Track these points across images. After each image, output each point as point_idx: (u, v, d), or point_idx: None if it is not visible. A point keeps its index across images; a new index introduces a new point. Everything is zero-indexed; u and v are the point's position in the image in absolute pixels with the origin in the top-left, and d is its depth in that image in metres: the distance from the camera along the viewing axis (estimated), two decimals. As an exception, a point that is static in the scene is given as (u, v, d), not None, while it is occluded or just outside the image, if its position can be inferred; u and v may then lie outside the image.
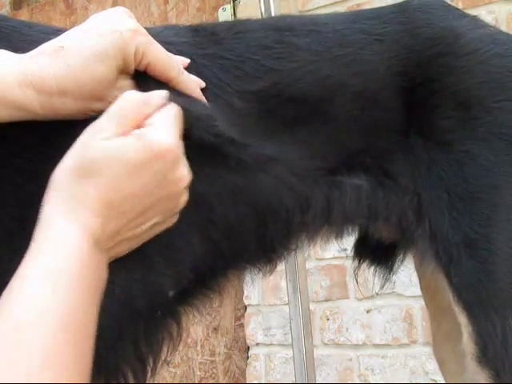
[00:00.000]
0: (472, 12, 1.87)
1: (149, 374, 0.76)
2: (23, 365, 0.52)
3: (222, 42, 0.79)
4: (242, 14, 2.29)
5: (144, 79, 0.71)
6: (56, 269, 0.57)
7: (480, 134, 0.80)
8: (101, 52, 0.65)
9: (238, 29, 0.82)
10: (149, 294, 0.69)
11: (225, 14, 2.33)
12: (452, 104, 0.81)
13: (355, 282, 1.07)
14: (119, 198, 0.61)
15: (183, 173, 0.66)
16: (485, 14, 1.87)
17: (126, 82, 0.70)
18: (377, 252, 0.98)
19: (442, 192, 0.80)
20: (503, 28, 1.85)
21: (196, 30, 0.81)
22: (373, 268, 1.00)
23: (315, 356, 1.65)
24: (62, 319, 0.55)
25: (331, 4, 2.13)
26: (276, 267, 0.88)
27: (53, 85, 0.64)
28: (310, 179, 0.81)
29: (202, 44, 0.78)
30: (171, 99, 0.68)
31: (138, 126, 0.64)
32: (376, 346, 2.00)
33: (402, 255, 0.97)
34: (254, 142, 0.76)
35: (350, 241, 1.00)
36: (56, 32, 0.70)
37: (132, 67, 0.69)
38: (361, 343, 2.02)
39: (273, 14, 1.61)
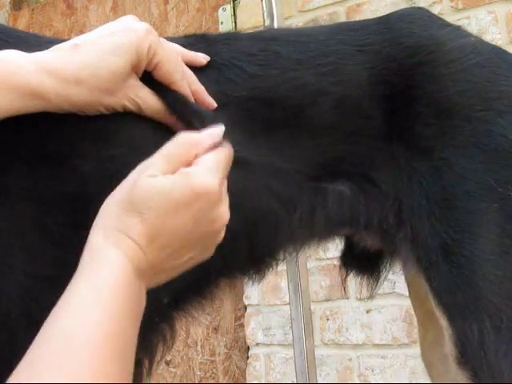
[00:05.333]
0: (472, 12, 1.89)
1: (145, 376, 0.79)
2: (76, 373, 0.54)
3: (212, 44, 0.83)
4: (242, 13, 2.29)
5: (148, 82, 0.74)
6: (101, 286, 0.59)
7: (458, 142, 0.81)
8: (117, 46, 0.69)
9: (228, 37, 0.87)
10: (149, 305, 0.71)
11: (225, 14, 2.33)
12: (432, 112, 0.82)
13: (348, 291, 1.09)
14: (161, 233, 0.63)
15: (222, 213, 0.68)
16: (485, 14, 1.87)
17: (137, 82, 0.73)
18: (363, 262, 1.00)
19: (421, 198, 0.82)
20: (503, 28, 1.85)
21: (187, 36, 0.86)
22: (360, 277, 1.02)
23: (315, 356, 1.66)
24: (107, 331, 0.58)
25: (331, 4, 2.13)
26: (265, 277, 0.89)
27: (69, 73, 0.67)
28: (293, 184, 0.83)
29: (193, 45, 0.82)
30: (225, 139, 0.69)
31: (188, 165, 0.66)
32: (376, 345, 2.00)
33: (387, 264, 0.99)
34: (235, 144, 0.78)
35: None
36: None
37: (144, 64, 0.72)
38: (361, 343, 2.02)
39: (274, 14, 1.61)
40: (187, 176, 0.64)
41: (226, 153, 0.68)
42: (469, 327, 0.77)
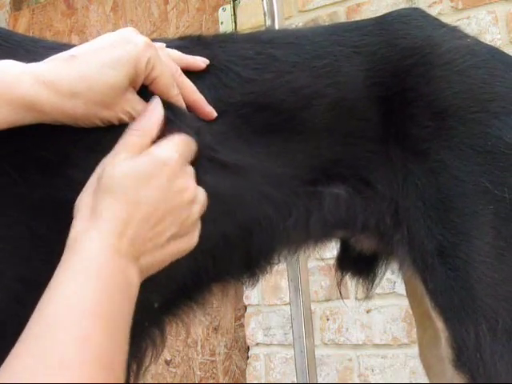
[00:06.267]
0: (472, 12, 1.89)
1: (132, 380, 0.79)
2: (59, 349, 0.56)
3: (208, 47, 0.82)
4: (242, 14, 2.29)
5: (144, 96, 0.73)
6: (80, 269, 0.61)
7: (454, 144, 0.81)
8: (115, 60, 0.68)
9: (224, 39, 0.86)
10: (139, 309, 0.72)
11: (225, 14, 2.33)
12: (428, 114, 0.82)
13: (347, 291, 1.08)
14: (135, 207, 0.66)
15: (184, 184, 0.70)
16: (485, 14, 1.87)
17: (134, 96, 0.72)
18: (358, 265, 1.00)
19: (417, 200, 0.81)
20: (503, 28, 1.85)
21: (183, 38, 0.85)
22: (355, 280, 1.02)
23: (315, 356, 1.66)
24: (91, 306, 0.59)
25: (331, 4, 2.13)
26: (258, 281, 0.90)
27: (65, 86, 0.66)
28: (288, 188, 0.82)
29: (189, 48, 0.81)
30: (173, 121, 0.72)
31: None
32: (376, 345, 2.00)
33: (383, 267, 0.99)
34: (229, 151, 0.78)
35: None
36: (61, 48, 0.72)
37: (141, 78, 0.71)
38: (361, 343, 2.02)
39: (275, 14, 1.61)
40: (148, 152, 0.68)
41: (181, 138, 0.72)
42: (465, 330, 0.77)
